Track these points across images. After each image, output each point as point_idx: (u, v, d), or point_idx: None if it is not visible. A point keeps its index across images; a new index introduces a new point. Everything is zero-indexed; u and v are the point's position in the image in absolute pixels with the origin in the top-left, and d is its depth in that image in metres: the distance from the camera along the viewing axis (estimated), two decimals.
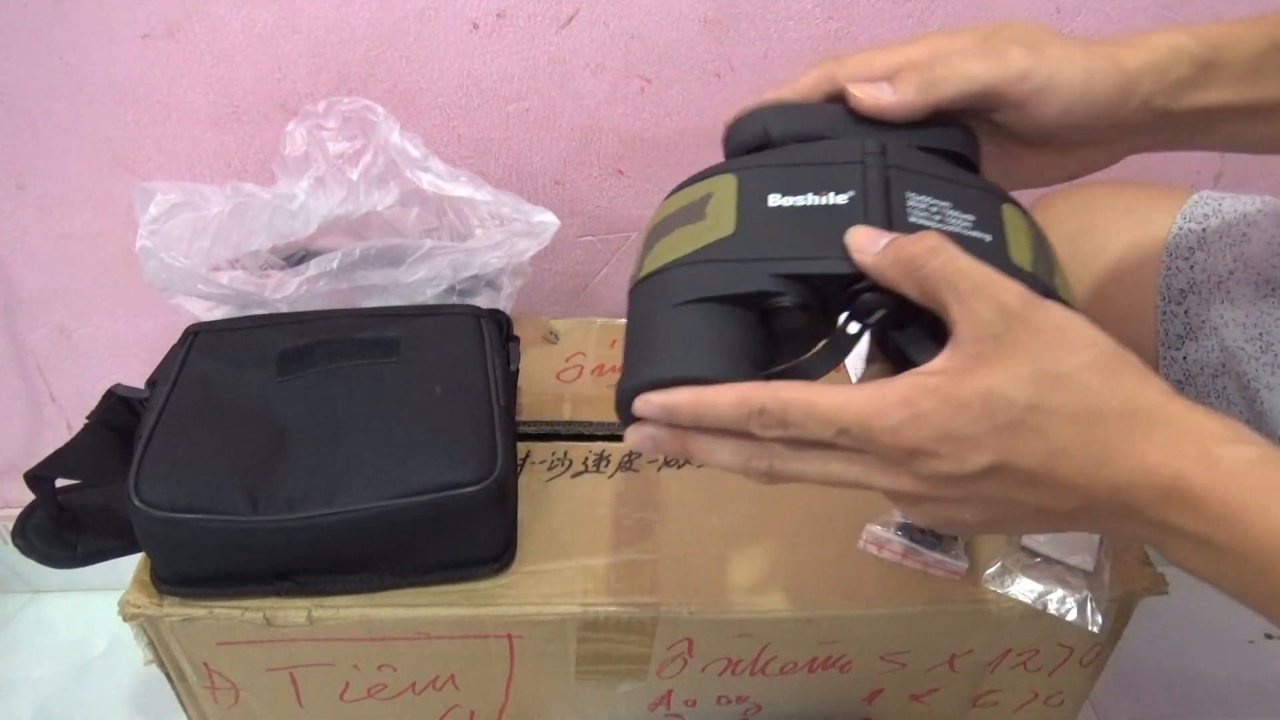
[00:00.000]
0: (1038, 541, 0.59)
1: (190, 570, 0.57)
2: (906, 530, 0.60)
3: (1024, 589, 0.58)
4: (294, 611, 0.57)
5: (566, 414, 0.71)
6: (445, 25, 0.74)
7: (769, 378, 0.36)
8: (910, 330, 0.37)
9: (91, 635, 1.06)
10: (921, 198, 0.38)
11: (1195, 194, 0.63)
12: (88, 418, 0.61)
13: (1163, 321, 0.63)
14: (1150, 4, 0.75)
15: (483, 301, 0.72)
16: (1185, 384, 0.62)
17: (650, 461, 0.67)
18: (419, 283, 0.70)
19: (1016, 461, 0.34)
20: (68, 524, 0.59)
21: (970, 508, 0.36)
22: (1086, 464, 0.33)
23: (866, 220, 0.37)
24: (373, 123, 0.68)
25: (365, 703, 0.64)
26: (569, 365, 0.76)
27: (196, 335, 0.66)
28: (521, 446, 0.67)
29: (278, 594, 0.57)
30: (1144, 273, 0.65)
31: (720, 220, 0.39)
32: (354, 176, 0.67)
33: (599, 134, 0.80)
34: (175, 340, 0.66)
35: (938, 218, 0.38)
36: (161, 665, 0.61)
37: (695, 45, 0.76)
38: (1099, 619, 0.56)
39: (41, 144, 0.79)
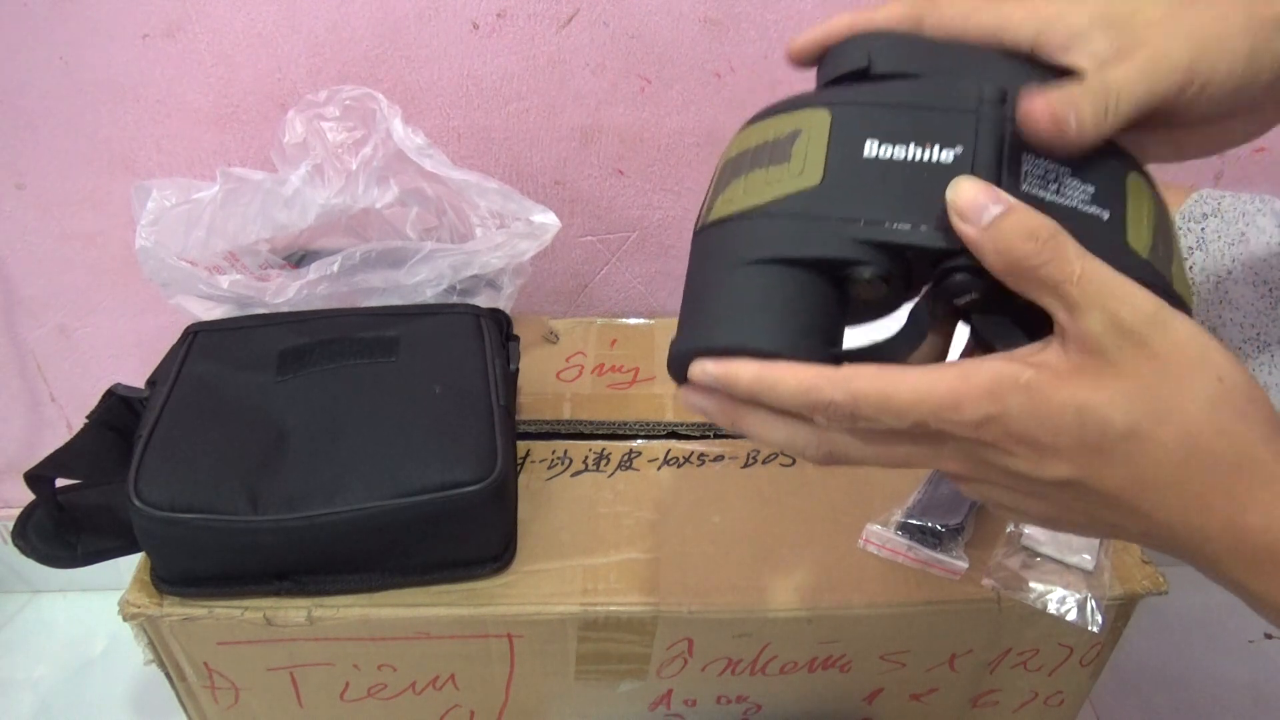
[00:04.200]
0: (1038, 541, 0.59)
1: (190, 570, 0.57)
2: (907, 530, 0.60)
3: (1024, 589, 0.58)
4: (294, 611, 0.57)
5: (566, 413, 0.71)
6: (445, 25, 0.74)
7: (839, 359, 0.33)
8: (998, 318, 0.34)
9: (91, 635, 1.06)
10: (1039, 160, 0.33)
11: (1195, 193, 0.63)
12: (88, 417, 0.61)
13: None
14: None
15: (483, 301, 0.72)
16: None
17: (650, 461, 0.67)
18: (419, 284, 0.70)
19: (1099, 484, 0.32)
20: (68, 524, 0.59)
21: (1037, 503, 0.34)
22: (1175, 504, 0.31)
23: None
24: (374, 112, 0.68)
25: (365, 702, 0.64)
26: (569, 365, 0.76)
27: (196, 335, 0.66)
28: (521, 445, 0.67)
29: (278, 594, 0.57)
30: None
31: (808, 166, 0.34)
32: (353, 166, 0.67)
33: (599, 134, 0.80)
34: (175, 340, 0.66)
35: (1054, 186, 0.33)
36: (161, 665, 0.61)
37: (695, 45, 0.76)
38: (1099, 619, 0.56)
39: (41, 144, 0.79)
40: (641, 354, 0.77)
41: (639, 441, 0.68)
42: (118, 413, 0.62)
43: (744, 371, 0.33)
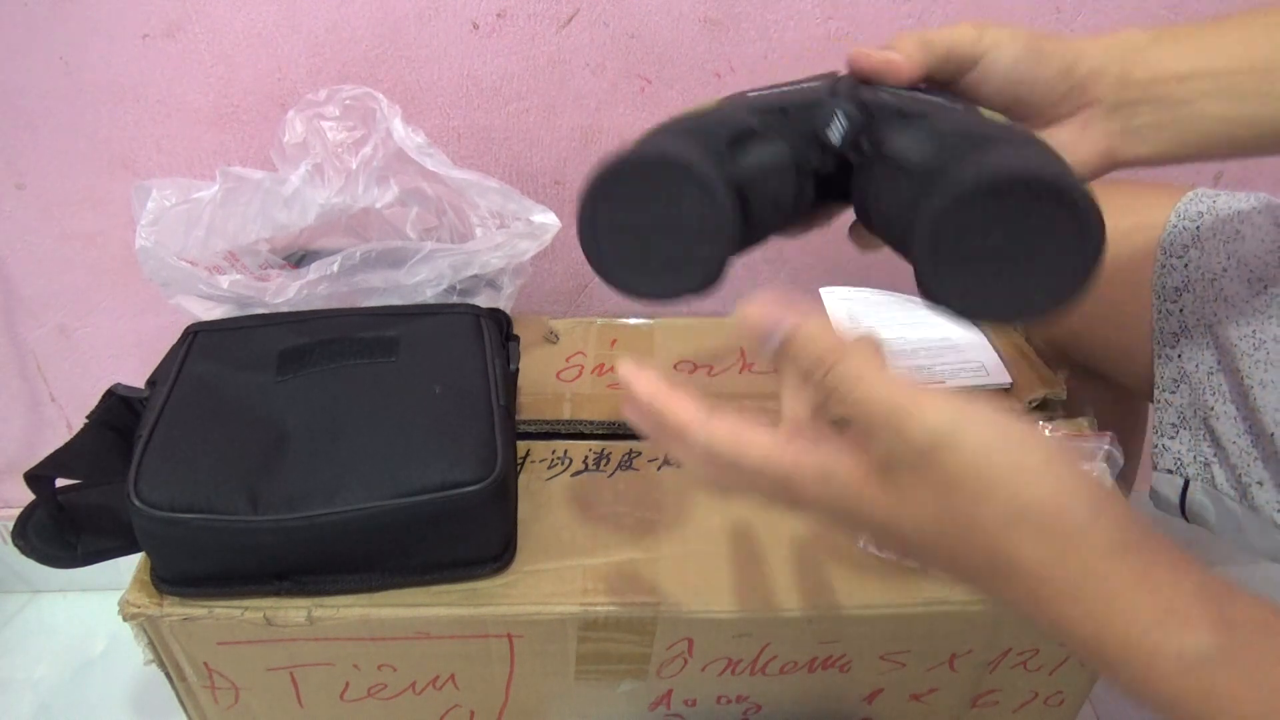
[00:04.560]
0: None
1: (190, 570, 0.57)
2: None
3: None
4: (294, 611, 0.57)
5: (566, 413, 0.71)
6: (445, 25, 0.74)
7: (732, 175, 0.38)
8: (868, 154, 0.39)
9: (91, 635, 1.06)
10: (893, 89, 0.42)
11: (1190, 191, 0.63)
12: (88, 417, 0.61)
13: (1158, 319, 0.63)
14: (1151, 3, 0.75)
15: (483, 301, 0.72)
16: (1181, 381, 0.62)
17: (650, 460, 0.67)
18: (419, 284, 0.70)
19: (907, 552, 0.34)
20: (68, 524, 0.59)
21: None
22: (984, 583, 0.33)
23: (834, 102, 0.40)
24: (374, 112, 0.68)
25: (365, 702, 0.64)
26: (569, 365, 0.76)
27: (196, 335, 0.66)
28: (521, 445, 0.67)
29: (278, 594, 0.57)
30: (1139, 270, 0.65)
31: (705, 106, 0.43)
32: (353, 166, 0.67)
33: (599, 134, 0.80)
34: (175, 340, 0.66)
35: (907, 97, 0.41)
36: (161, 665, 0.61)
37: (695, 45, 0.76)
38: None
39: (41, 144, 0.79)
40: (641, 354, 0.77)
41: (639, 441, 0.68)
42: (118, 413, 0.62)
43: (641, 386, 0.37)
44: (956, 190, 0.34)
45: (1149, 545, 0.31)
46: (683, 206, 0.37)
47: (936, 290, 0.35)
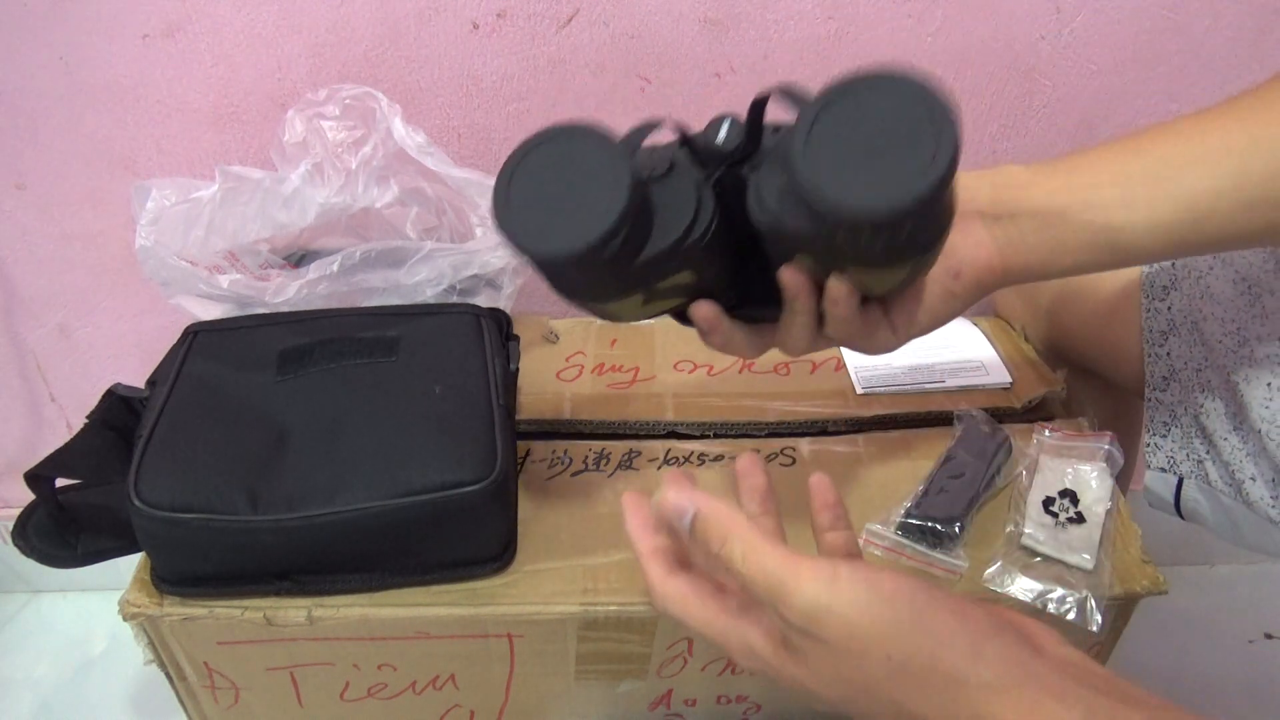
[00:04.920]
0: (1038, 541, 0.59)
1: (190, 570, 0.57)
2: (907, 530, 0.60)
3: (1024, 588, 0.58)
4: (294, 611, 0.57)
5: (566, 413, 0.71)
6: (445, 25, 0.74)
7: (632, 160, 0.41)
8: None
9: (91, 635, 1.06)
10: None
11: None
12: (88, 417, 0.61)
13: (1147, 318, 0.64)
14: (1150, 4, 0.75)
15: (483, 301, 0.72)
16: (1171, 379, 0.63)
17: (650, 460, 0.67)
18: (419, 284, 0.70)
19: (837, 709, 0.37)
20: (68, 524, 0.59)
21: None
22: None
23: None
24: (374, 111, 0.68)
25: (365, 702, 0.64)
26: (569, 365, 0.76)
27: (196, 335, 0.66)
28: (521, 445, 0.67)
29: (278, 594, 0.57)
30: (1129, 269, 0.65)
31: None
32: (353, 165, 0.67)
33: None
34: (175, 340, 0.66)
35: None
36: (161, 665, 0.61)
37: (695, 45, 0.76)
38: (1099, 619, 0.56)
39: (41, 144, 0.79)
40: (641, 354, 0.77)
41: (639, 441, 0.68)
42: (118, 413, 0.62)
43: (630, 530, 0.43)
44: (826, 91, 0.38)
45: (1035, 678, 0.33)
46: (585, 162, 0.40)
47: (811, 181, 0.37)
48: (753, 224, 0.42)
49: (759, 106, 0.42)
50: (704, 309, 0.47)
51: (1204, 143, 0.45)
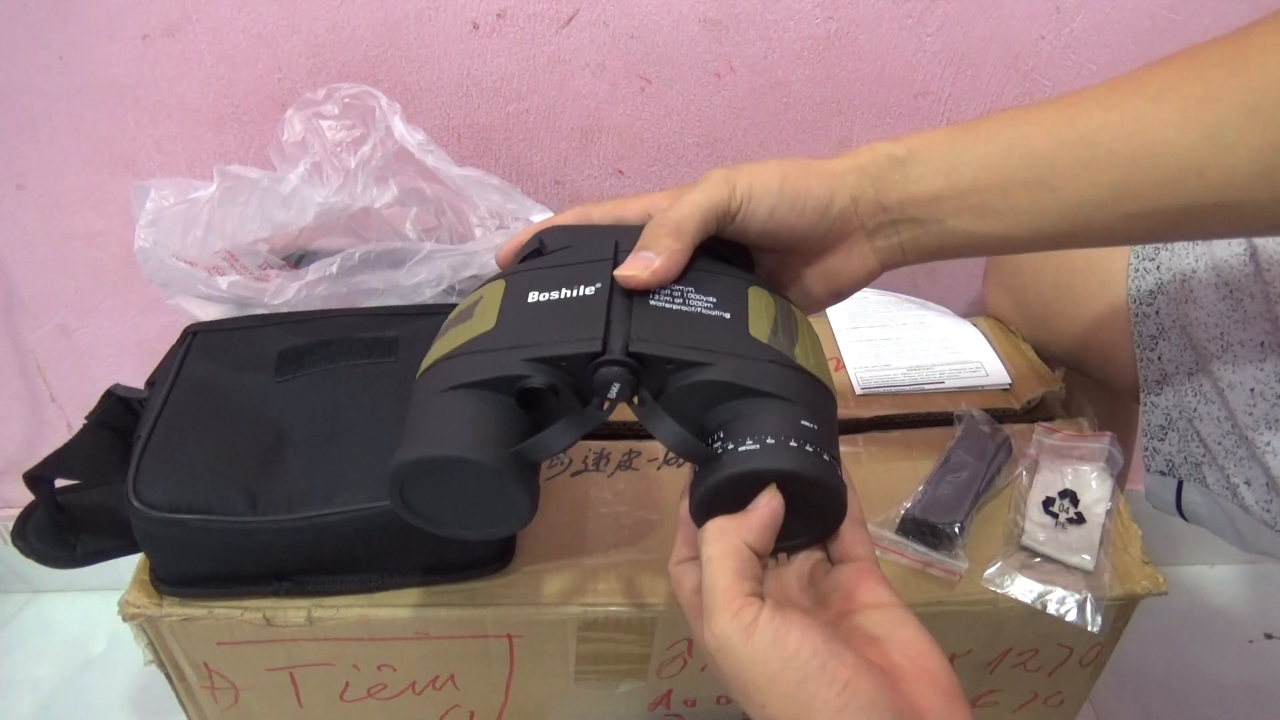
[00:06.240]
0: (1038, 541, 0.59)
1: (190, 570, 0.57)
2: (907, 530, 0.60)
3: (1023, 589, 0.58)
4: (294, 611, 0.57)
5: None
6: (445, 25, 0.74)
7: (520, 456, 0.40)
8: (648, 406, 0.41)
9: (91, 635, 1.06)
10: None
11: None
12: (87, 418, 0.61)
13: (1136, 322, 0.64)
14: (1150, 4, 0.75)
15: None
16: (1163, 383, 0.62)
17: (650, 460, 0.67)
18: (418, 284, 0.70)
19: None
20: (67, 524, 0.59)
21: None
22: None
23: (610, 307, 0.41)
24: (373, 110, 0.68)
25: (365, 703, 0.64)
26: None
27: (195, 335, 0.66)
28: None
29: (277, 594, 0.57)
30: (1113, 273, 0.65)
31: (484, 319, 0.43)
32: (352, 165, 0.67)
33: (599, 134, 0.80)
34: (175, 340, 0.66)
35: (679, 299, 0.42)
36: (161, 665, 0.61)
37: (695, 45, 0.76)
38: (1099, 619, 0.56)
39: (41, 144, 0.79)
40: None
41: (639, 441, 0.68)
42: (117, 413, 0.62)
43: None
44: (713, 480, 0.39)
45: None
46: (480, 491, 0.42)
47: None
48: None
49: (642, 362, 0.41)
50: None
51: (1092, 147, 0.43)
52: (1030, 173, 0.44)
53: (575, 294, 0.42)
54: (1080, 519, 0.60)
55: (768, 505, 0.39)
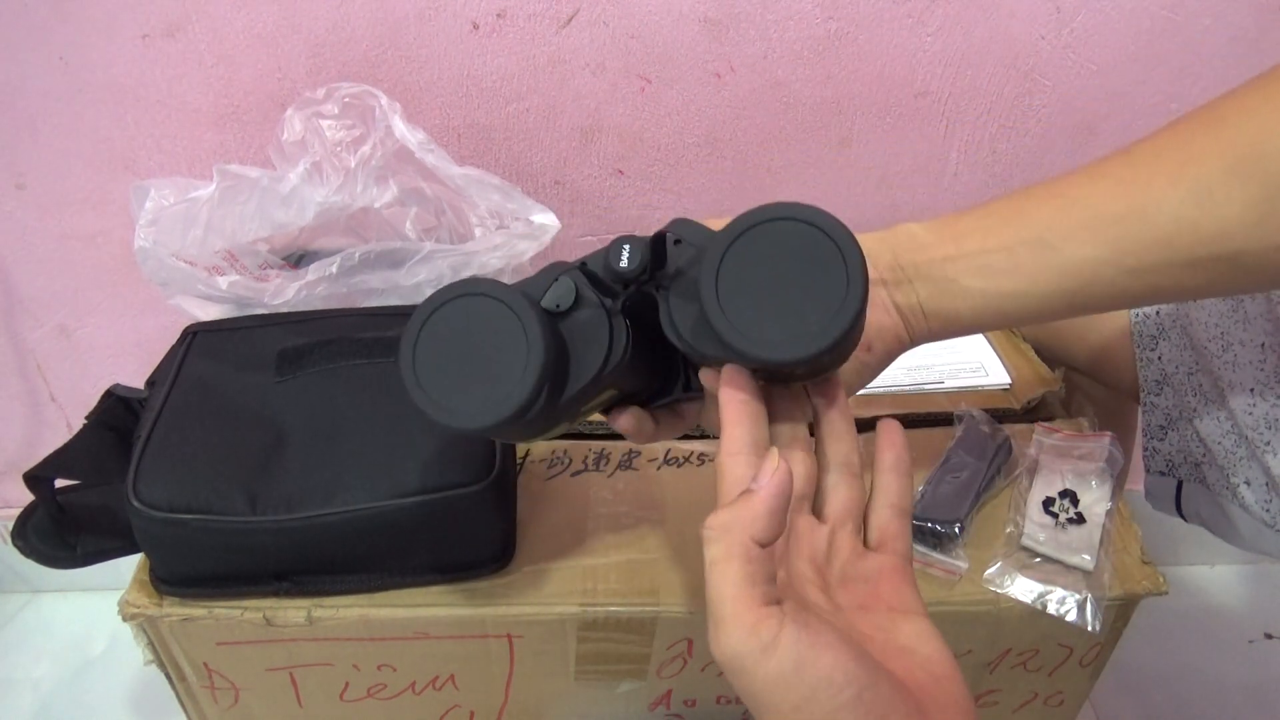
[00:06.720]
0: (1038, 541, 0.59)
1: (190, 570, 0.57)
2: None
3: (1023, 589, 0.58)
4: (294, 611, 0.57)
5: None
6: (445, 25, 0.74)
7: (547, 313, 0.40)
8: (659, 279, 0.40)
9: (91, 635, 1.06)
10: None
11: None
12: (87, 418, 0.61)
13: (1136, 323, 0.64)
14: (1150, 4, 0.75)
15: None
16: (1164, 383, 0.63)
17: (650, 460, 0.67)
18: (418, 284, 0.70)
19: None
20: (68, 524, 0.59)
21: None
22: None
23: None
24: (373, 110, 0.68)
25: (365, 703, 0.64)
26: None
27: (195, 335, 0.66)
28: (520, 445, 0.67)
29: (277, 594, 0.57)
30: None
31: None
32: (351, 164, 0.67)
33: (599, 134, 0.80)
34: (175, 340, 0.66)
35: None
36: (161, 665, 0.61)
37: (695, 45, 0.76)
38: (1098, 619, 0.56)
39: (41, 144, 0.79)
40: None
41: None
42: (117, 413, 0.62)
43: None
44: (732, 228, 0.37)
45: None
46: (494, 323, 0.39)
47: (727, 334, 0.37)
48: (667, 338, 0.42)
49: (660, 239, 0.41)
50: (626, 421, 0.48)
51: (1086, 210, 0.45)
52: (1030, 233, 0.46)
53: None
54: (1080, 519, 0.60)
55: (772, 480, 0.35)
